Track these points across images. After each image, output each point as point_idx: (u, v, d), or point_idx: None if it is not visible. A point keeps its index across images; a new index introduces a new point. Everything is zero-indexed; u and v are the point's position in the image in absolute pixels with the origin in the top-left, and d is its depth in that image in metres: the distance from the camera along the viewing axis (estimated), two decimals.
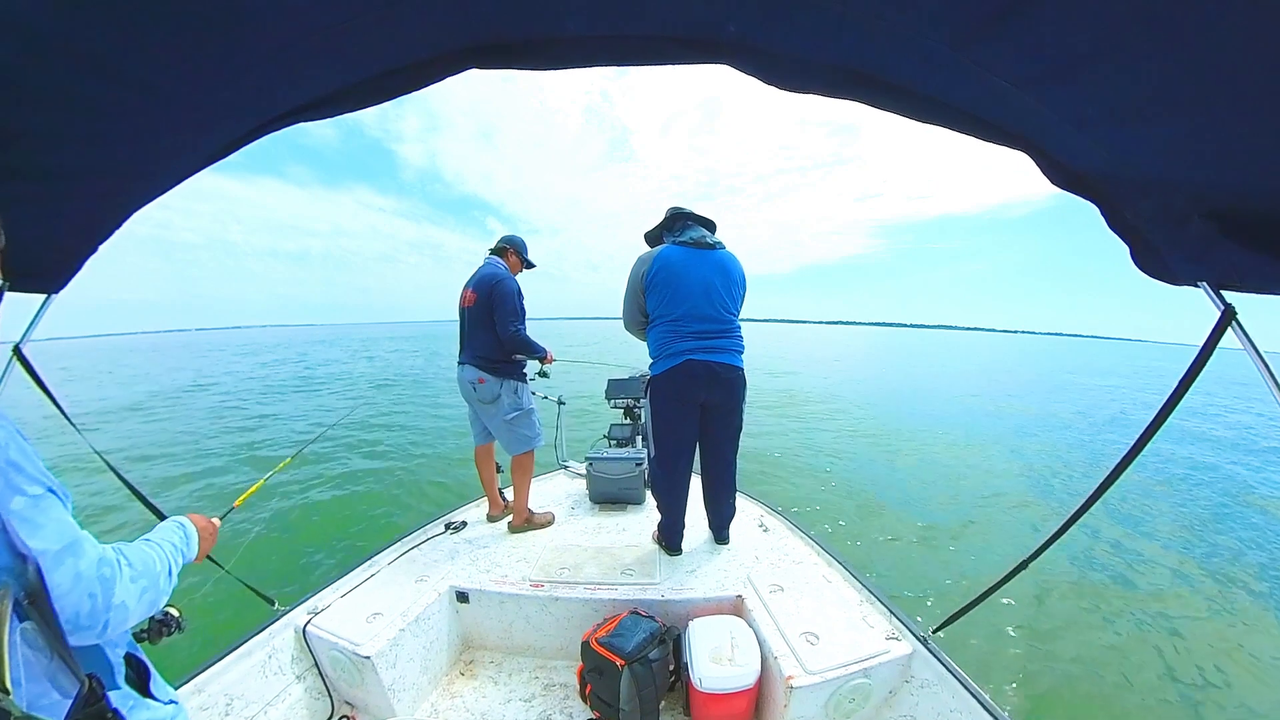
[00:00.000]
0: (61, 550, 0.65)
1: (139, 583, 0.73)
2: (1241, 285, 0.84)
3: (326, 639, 1.70)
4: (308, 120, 0.93)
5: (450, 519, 2.67)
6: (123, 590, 0.70)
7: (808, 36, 0.77)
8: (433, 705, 1.82)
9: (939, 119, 0.84)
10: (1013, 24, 0.60)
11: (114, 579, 0.69)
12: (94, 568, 0.67)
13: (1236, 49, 0.52)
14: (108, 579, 0.69)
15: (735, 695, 1.55)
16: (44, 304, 1.21)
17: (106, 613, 0.67)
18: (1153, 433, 1.04)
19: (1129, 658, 3.14)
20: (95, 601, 0.66)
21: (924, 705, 1.50)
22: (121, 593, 0.70)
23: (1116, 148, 0.76)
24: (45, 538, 0.64)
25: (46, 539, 0.64)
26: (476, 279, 2.56)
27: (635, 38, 0.82)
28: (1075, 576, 4.09)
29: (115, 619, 0.69)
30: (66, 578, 0.64)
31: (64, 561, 0.64)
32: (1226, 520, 5.62)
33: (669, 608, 1.90)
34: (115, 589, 0.69)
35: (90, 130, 0.80)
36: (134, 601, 0.72)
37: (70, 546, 0.66)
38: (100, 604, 0.67)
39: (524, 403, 2.60)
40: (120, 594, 0.69)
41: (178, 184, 1.03)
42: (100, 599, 0.67)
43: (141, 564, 0.76)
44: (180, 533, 0.93)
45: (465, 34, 0.81)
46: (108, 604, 0.68)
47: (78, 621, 0.65)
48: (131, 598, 0.71)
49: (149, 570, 0.77)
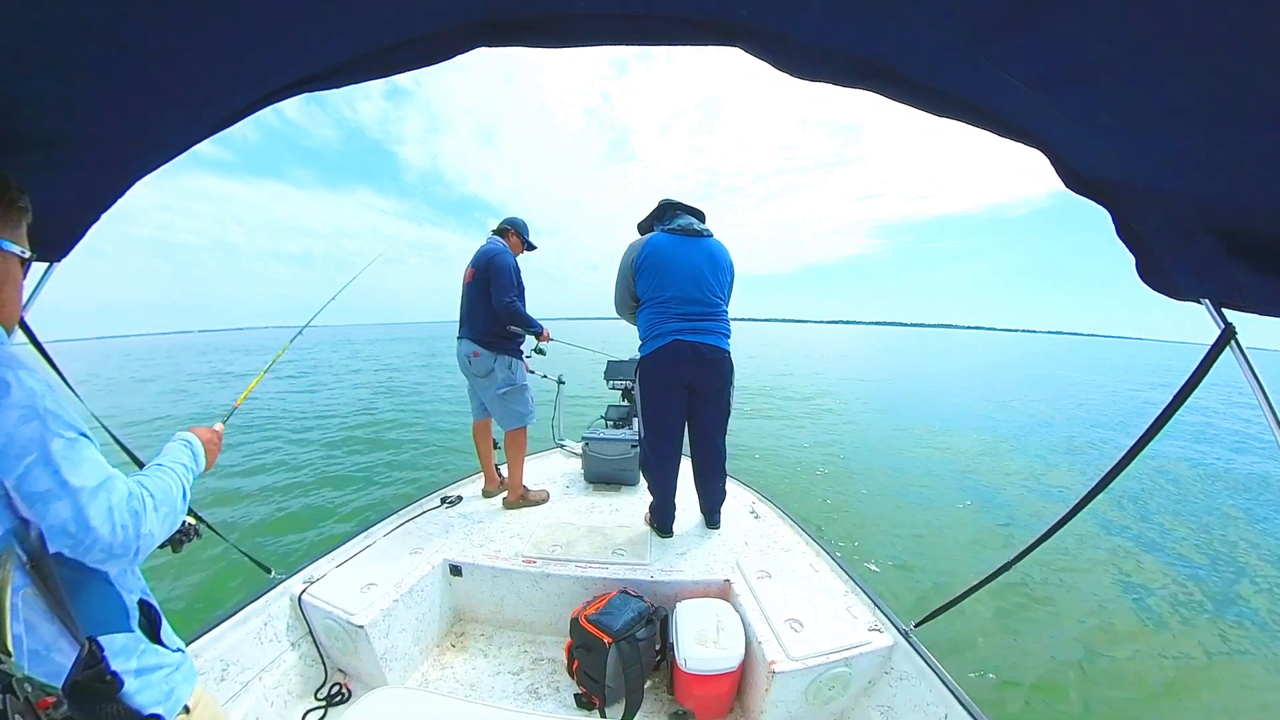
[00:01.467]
0: (97, 486, 0.70)
1: (162, 510, 0.80)
2: (1243, 305, 0.83)
3: (321, 608, 1.73)
4: (314, 90, 0.92)
5: (446, 493, 2.71)
6: (149, 520, 0.76)
7: (821, 23, 0.75)
8: (423, 675, 1.87)
9: (952, 112, 0.83)
10: (1029, 24, 0.59)
11: (142, 512, 0.75)
12: (125, 501, 0.73)
13: (1255, 64, 0.51)
14: (137, 512, 0.74)
15: (718, 677, 1.59)
16: (46, 273, 1.22)
17: (137, 541, 0.74)
18: (1145, 443, 1.05)
19: (1106, 655, 3.21)
20: (128, 532, 0.72)
21: (902, 697, 1.53)
22: (149, 523, 0.76)
23: (1128, 156, 0.75)
24: (83, 475, 0.69)
25: (84, 476, 0.69)
26: (476, 256, 2.59)
27: (646, 17, 0.81)
28: (1065, 578, 4.15)
29: (144, 545, 0.76)
30: (101, 510, 0.69)
31: (98, 496, 0.70)
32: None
33: (658, 588, 1.94)
34: (144, 520, 0.75)
35: (92, 98, 0.79)
36: (159, 528, 0.78)
37: (105, 483, 0.71)
38: (131, 534, 0.73)
39: (517, 378, 2.63)
40: (148, 524, 0.76)
41: (181, 152, 1.01)
42: (131, 529, 0.73)
43: (162, 493, 0.82)
44: (188, 451, 0.98)
45: (476, 8, 0.80)
46: (138, 533, 0.74)
47: (111, 550, 0.70)
48: (157, 525, 0.78)
49: (168, 497, 0.83)
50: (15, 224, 0.76)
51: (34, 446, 0.66)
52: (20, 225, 0.77)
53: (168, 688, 0.83)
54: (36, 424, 0.67)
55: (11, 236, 0.75)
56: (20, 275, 0.78)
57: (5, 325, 0.76)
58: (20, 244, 0.76)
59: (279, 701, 1.65)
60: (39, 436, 0.67)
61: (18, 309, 0.79)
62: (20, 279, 0.78)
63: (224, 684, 1.53)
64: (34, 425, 0.67)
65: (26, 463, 0.65)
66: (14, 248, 0.75)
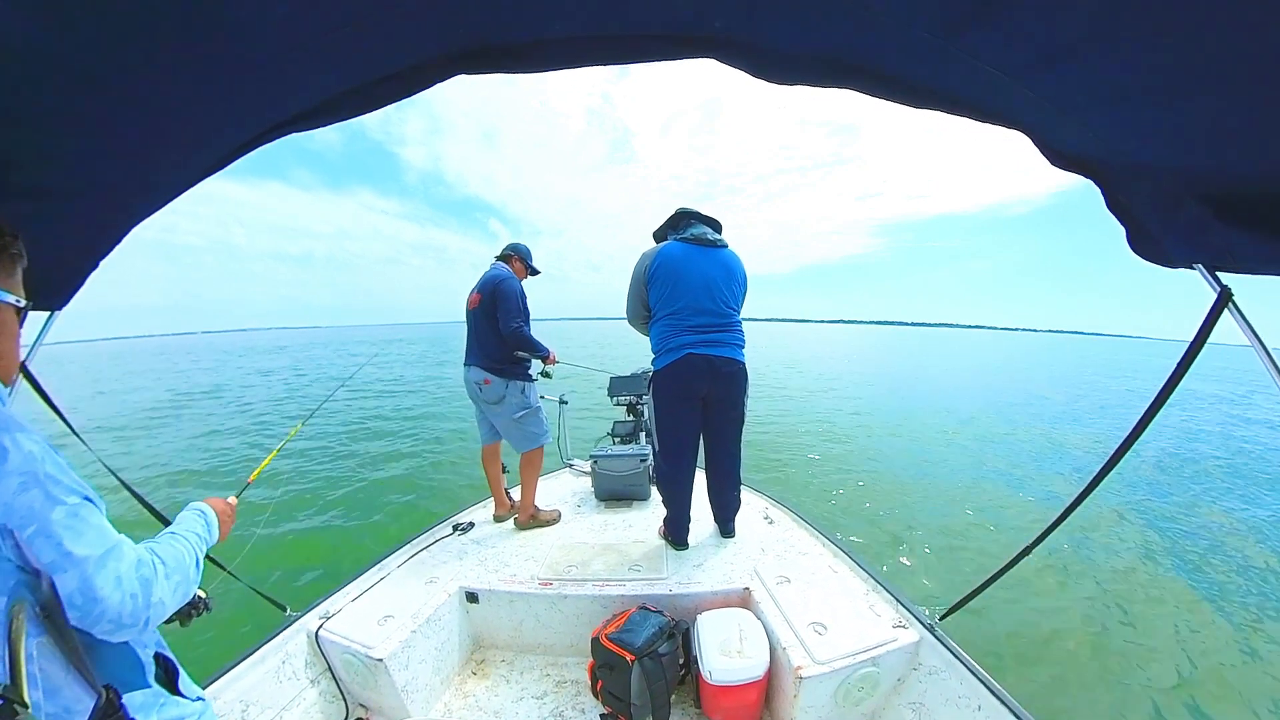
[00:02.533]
0: (104, 555, 0.68)
1: (173, 579, 0.77)
2: (1236, 266, 0.83)
3: (339, 642, 1.71)
4: (300, 130, 0.94)
5: (457, 520, 2.69)
6: (160, 589, 0.74)
7: (793, 29, 0.77)
8: (446, 705, 1.84)
9: (932, 104, 0.84)
10: (999, 12, 0.60)
11: (152, 580, 0.73)
12: (134, 569, 0.71)
13: (1221, 35, 0.52)
14: (147, 579, 0.72)
15: (745, 687, 1.57)
16: (47, 321, 1.23)
17: (147, 610, 0.71)
18: (1153, 414, 1.04)
19: (1140, 639, 3.14)
20: (136, 602, 0.70)
21: (932, 692, 1.50)
22: (159, 591, 0.73)
23: (1106, 133, 0.76)
24: (88, 544, 0.67)
25: (89, 545, 0.67)
26: (481, 282, 2.63)
27: (621, 37, 0.83)
28: (1086, 560, 4.09)
29: (155, 615, 0.73)
30: (109, 580, 0.67)
31: (106, 565, 0.67)
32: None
33: (677, 602, 1.91)
34: (154, 589, 0.73)
35: (84, 147, 0.80)
36: (170, 597, 0.76)
37: (111, 551, 0.69)
38: (141, 603, 0.70)
39: (531, 401, 2.67)
40: (158, 593, 0.73)
41: (175, 197, 1.03)
42: (141, 599, 0.70)
43: (174, 560, 0.80)
44: (202, 520, 0.97)
45: (453, 39, 0.82)
46: (148, 603, 0.71)
47: (120, 620, 0.68)
48: (168, 594, 0.75)
49: (181, 565, 0.81)
50: (9, 272, 0.73)
51: (34, 517, 0.63)
52: (14, 273, 0.74)
53: None
54: (36, 491, 0.64)
55: (5, 285, 0.72)
56: (17, 325, 0.75)
57: (3, 378, 0.73)
58: (15, 292, 0.73)
59: None
60: (40, 506, 0.64)
61: (15, 360, 0.77)
62: (17, 329, 0.76)
63: None
64: (34, 493, 0.64)
65: (28, 533, 0.63)
66: (9, 297, 0.72)
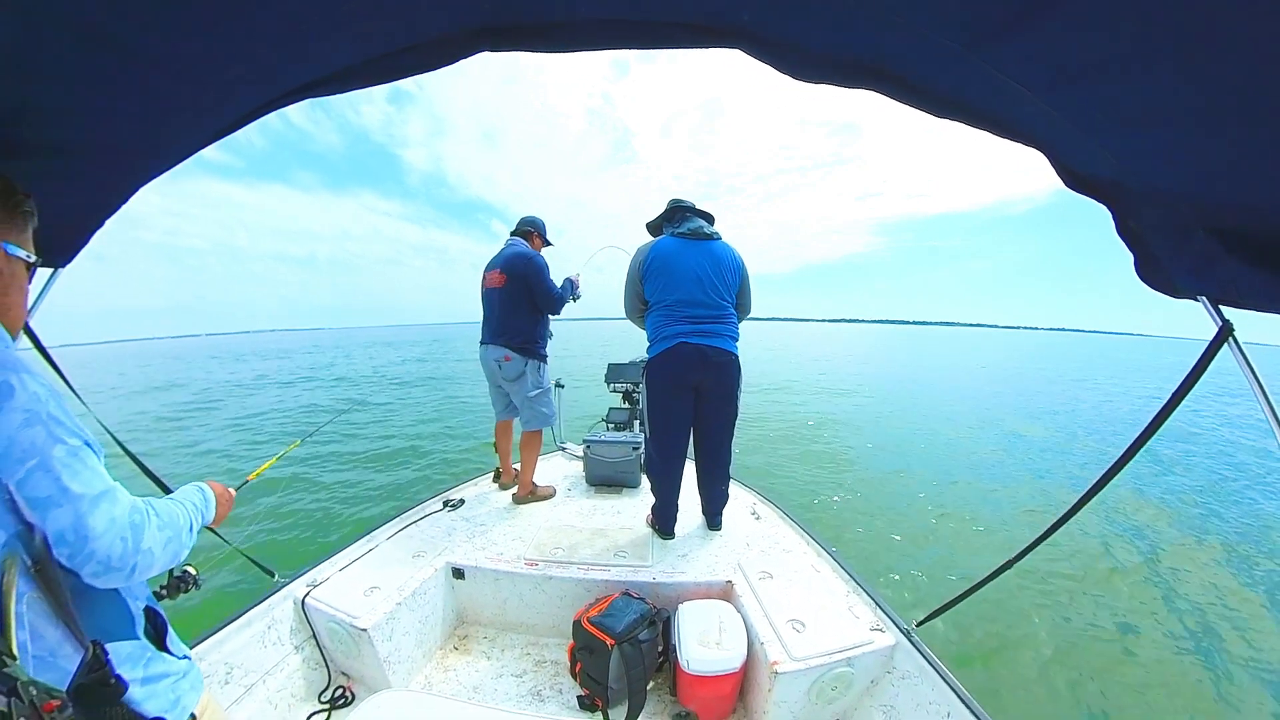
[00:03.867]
0: (98, 495, 0.69)
1: (164, 532, 0.78)
2: (1241, 302, 0.83)
3: (325, 611, 1.73)
4: (317, 96, 0.92)
5: (448, 496, 2.71)
6: (150, 537, 0.75)
7: (821, 28, 0.76)
8: (426, 678, 1.87)
9: (951, 114, 0.84)
10: (1026, 27, 0.60)
11: (143, 526, 0.74)
12: (126, 513, 0.72)
13: (1247, 64, 0.52)
14: (138, 525, 0.73)
15: (721, 678, 1.59)
16: (51, 278, 1.23)
17: (135, 556, 0.72)
18: (1144, 440, 1.05)
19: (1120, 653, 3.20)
20: (126, 545, 0.71)
21: (904, 696, 1.53)
22: (149, 539, 0.74)
23: (1124, 155, 0.76)
24: (85, 482, 0.69)
25: (86, 484, 0.69)
26: (503, 259, 2.65)
27: (649, 22, 0.81)
28: (1068, 567, 4.15)
29: (142, 563, 0.73)
30: (102, 520, 0.69)
31: (99, 505, 0.69)
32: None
33: (660, 590, 1.94)
34: (144, 535, 0.74)
35: (97, 105, 0.79)
36: (159, 549, 0.76)
37: (106, 493, 0.71)
38: (130, 547, 0.71)
39: (544, 381, 2.77)
40: (148, 540, 0.74)
41: (186, 158, 1.02)
42: (130, 543, 0.71)
43: (168, 516, 0.81)
44: (200, 495, 0.97)
45: (479, 13, 0.80)
46: (136, 548, 0.72)
47: (109, 563, 0.69)
48: (158, 545, 0.76)
49: (174, 523, 0.82)
50: (20, 228, 0.76)
51: (35, 451, 0.66)
52: (26, 229, 0.77)
53: (174, 696, 0.83)
54: (39, 429, 0.66)
55: (16, 240, 0.74)
56: (25, 280, 0.78)
57: (10, 329, 0.75)
58: (25, 248, 0.76)
59: (282, 705, 1.65)
60: (41, 441, 0.66)
61: (23, 313, 0.79)
62: (25, 284, 0.78)
63: (228, 687, 1.53)
64: (36, 430, 0.66)
65: (28, 467, 0.65)
66: (19, 251, 0.74)
